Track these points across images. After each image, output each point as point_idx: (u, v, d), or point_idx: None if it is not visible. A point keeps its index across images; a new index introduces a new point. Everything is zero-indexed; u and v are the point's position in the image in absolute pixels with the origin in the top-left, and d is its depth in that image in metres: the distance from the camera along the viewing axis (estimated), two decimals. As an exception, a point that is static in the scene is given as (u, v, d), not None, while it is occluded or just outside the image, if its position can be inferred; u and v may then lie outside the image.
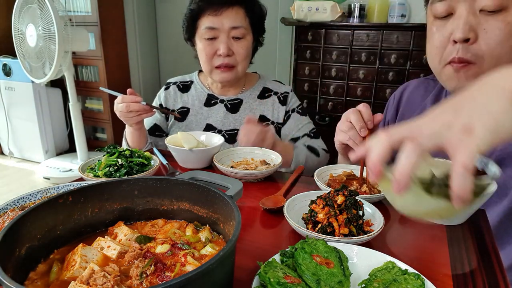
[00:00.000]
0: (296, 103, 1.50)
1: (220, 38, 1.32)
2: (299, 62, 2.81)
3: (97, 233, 0.65)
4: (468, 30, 0.85)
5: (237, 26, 1.32)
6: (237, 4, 1.32)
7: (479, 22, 0.85)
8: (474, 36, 0.86)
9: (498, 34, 0.84)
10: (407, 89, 1.23)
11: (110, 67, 3.56)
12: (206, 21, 1.32)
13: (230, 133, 1.44)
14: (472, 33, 0.86)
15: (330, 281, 0.57)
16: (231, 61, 1.35)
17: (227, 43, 1.32)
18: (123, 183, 0.67)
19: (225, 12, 1.30)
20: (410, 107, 1.18)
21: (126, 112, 1.19)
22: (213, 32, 1.32)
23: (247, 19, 1.35)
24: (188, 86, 1.51)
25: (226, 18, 1.30)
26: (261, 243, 0.74)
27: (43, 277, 0.54)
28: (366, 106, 0.98)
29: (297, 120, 1.47)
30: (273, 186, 1.02)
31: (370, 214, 0.78)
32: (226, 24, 1.31)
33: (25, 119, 3.56)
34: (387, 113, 1.27)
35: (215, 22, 1.31)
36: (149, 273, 0.52)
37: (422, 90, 1.18)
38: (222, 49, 1.31)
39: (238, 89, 1.49)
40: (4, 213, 0.73)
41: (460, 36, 0.86)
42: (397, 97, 1.24)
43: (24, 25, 2.82)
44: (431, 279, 0.60)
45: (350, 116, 0.96)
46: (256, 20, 1.38)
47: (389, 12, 2.65)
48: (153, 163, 1.02)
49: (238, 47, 1.34)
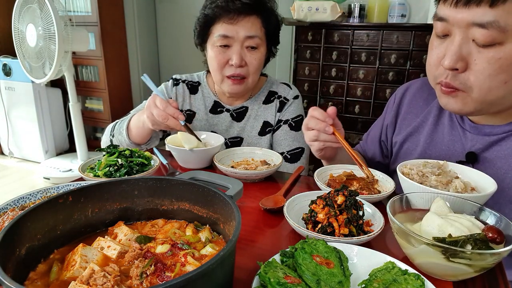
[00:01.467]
0: (293, 113, 1.41)
1: (233, 47, 1.26)
2: (299, 62, 2.80)
3: (97, 233, 0.65)
4: (456, 60, 0.82)
5: (252, 35, 1.25)
6: (254, 14, 1.25)
7: (470, 52, 0.81)
8: (464, 66, 0.82)
9: (487, 68, 0.80)
10: (409, 90, 1.19)
11: (110, 67, 3.56)
12: (221, 29, 1.25)
13: (233, 141, 1.42)
14: (462, 63, 0.82)
15: (330, 281, 0.57)
16: (243, 72, 1.28)
17: (241, 53, 1.26)
18: (123, 183, 0.66)
19: (241, 21, 1.24)
20: (412, 110, 1.15)
21: (160, 121, 1.12)
22: (227, 40, 1.25)
23: (263, 29, 1.29)
24: (196, 88, 1.46)
25: (241, 27, 1.24)
26: (261, 243, 0.74)
27: (43, 277, 0.54)
28: (315, 108, 1.01)
29: (285, 133, 1.39)
30: (273, 186, 1.02)
31: (370, 214, 0.78)
32: (241, 33, 1.24)
33: (25, 119, 3.56)
34: (386, 115, 1.23)
35: (229, 30, 1.24)
36: (149, 273, 0.52)
37: (425, 93, 1.13)
38: (235, 59, 1.25)
39: (245, 97, 1.44)
40: (4, 213, 0.73)
41: (447, 64, 0.83)
42: (398, 98, 1.20)
43: (24, 25, 2.82)
44: (431, 279, 0.60)
45: (309, 123, 1.01)
46: (272, 30, 1.32)
47: (389, 12, 2.65)
48: (153, 163, 1.02)
49: (251, 58, 1.28)
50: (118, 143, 1.31)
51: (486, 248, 0.58)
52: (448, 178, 0.84)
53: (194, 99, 1.45)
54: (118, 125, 1.34)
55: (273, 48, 1.41)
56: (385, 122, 1.23)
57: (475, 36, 0.79)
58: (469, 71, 0.83)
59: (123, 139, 1.29)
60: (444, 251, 0.57)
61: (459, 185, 0.80)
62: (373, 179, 0.97)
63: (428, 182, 0.83)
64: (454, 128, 1.03)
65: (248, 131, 1.42)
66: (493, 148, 0.94)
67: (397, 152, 1.16)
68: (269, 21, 1.30)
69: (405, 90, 1.20)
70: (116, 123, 1.36)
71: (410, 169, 0.89)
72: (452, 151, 1.01)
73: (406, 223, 0.70)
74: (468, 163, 0.95)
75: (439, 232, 0.63)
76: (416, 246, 0.61)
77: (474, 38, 0.80)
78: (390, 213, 0.66)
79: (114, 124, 1.37)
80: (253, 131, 1.42)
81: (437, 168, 0.88)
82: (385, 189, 0.94)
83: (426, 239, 0.58)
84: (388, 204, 0.68)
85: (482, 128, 0.96)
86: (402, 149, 1.14)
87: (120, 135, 1.30)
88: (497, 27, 0.76)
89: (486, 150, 0.95)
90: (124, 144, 1.29)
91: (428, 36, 2.43)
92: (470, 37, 0.80)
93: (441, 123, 1.06)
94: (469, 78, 0.83)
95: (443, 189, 0.80)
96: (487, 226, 0.63)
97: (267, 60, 1.42)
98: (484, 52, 0.79)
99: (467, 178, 0.86)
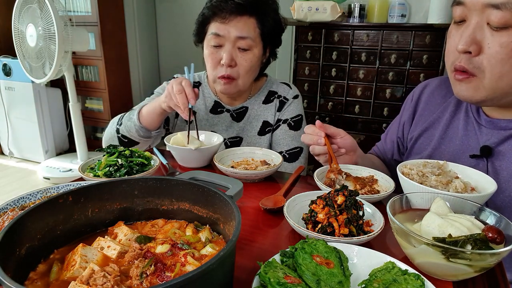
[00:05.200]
0: (292, 113, 1.41)
1: (225, 46, 1.26)
2: (299, 62, 2.80)
3: (97, 233, 0.65)
4: (470, 43, 0.84)
5: (244, 36, 1.24)
6: (246, 14, 1.25)
7: (484, 36, 0.83)
8: (477, 49, 0.84)
9: (499, 52, 0.82)
10: (427, 89, 1.19)
11: (110, 67, 3.56)
12: (214, 27, 1.26)
13: (232, 141, 1.42)
14: (475, 46, 0.84)
15: (330, 281, 0.57)
16: (233, 73, 1.28)
17: (231, 53, 1.26)
18: (123, 183, 0.66)
19: (233, 21, 1.24)
20: (429, 107, 1.15)
21: (175, 92, 1.15)
22: (219, 39, 1.26)
23: (258, 30, 1.28)
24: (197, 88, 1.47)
25: (233, 26, 1.24)
26: (261, 243, 0.74)
27: (43, 277, 0.54)
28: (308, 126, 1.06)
29: (284, 133, 1.40)
30: (273, 186, 1.02)
31: (370, 214, 0.78)
32: (233, 33, 1.24)
33: (25, 119, 3.56)
34: (404, 112, 1.23)
35: (221, 29, 1.24)
36: (149, 273, 0.52)
37: (444, 90, 1.13)
38: (224, 58, 1.25)
39: (245, 97, 1.44)
40: (4, 213, 0.73)
41: (460, 47, 0.85)
42: (416, 96, 1.20)
43: (24, 25, 2.82)
44: (431, 279, 0.60)
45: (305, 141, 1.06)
46: (268, 32, 1.31)
47: (389, 12, 2.65)
48: (153, 163, 1.02)
49: (242, 59, 1.27)
50: (125, 130, 1.29)
51: (486, 248, 0.58)
52: (448, 178, 0.84)
53: None
54: (128, 114, 1.33)
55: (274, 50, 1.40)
56: (402, 120, 1.23)
57: (490, 18, 0.81)
58: (482, 54, 0.84)
59: (132, 124, 1.27)
60: (444, 251, 0.57)
61: (459, 185, 0.80)
62: (339, 169, 0.98)
63: (428, 182, 0.83)
64: (470, 123, 1.03)
65: (247, 131, 1.42)
66: (508, 141, 0.94)
67: (412, 147, 1.16)
68: (264, 22, 1.29)
69: (423, 88, 1.20)
70: (124, 114, 1.36)
71: (410, 169, 0.89)
72: (466, 146, 1.01)
73: (406, 223, 0.70)
74: (482, 157, 0.96)
75: (439, 232, 0.63)
76: (416, 246, 0.61)
77: (488, 20, 0.82)
78: (390, 213, 0.66)
79: (122, 114, 1.36)
80: (252, 131, 1.42)
81: (437, 168, 0.88)
82: (385, 189, 0.94)
83: (426, 239, 0.58)
84: (388, 204, 0.68)
85: (498, 123, 0.96)
86: (416, 144, 1.15)
87: (129, 121, 1.29)
88: (511, 9, 0.78)
89: (501, 144, 0.95)
90: (132, 129, 1.27)
91: (428, 36, 2.43)
92: (485, 20, 0.82)
93: (456, 118, 1.07)
94: (482, 62, 0.84)
95: (443, 189, 0.80)
96: (487, 226, 0.63)
97: (268, 61, 1.42)
98: (497, 35, 0.81)
99: (467, 178, 0.86)
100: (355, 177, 0.98)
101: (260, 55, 1.33)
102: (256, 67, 1.34)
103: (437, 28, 2.38)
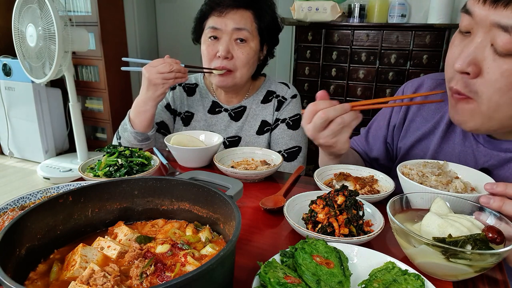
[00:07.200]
0: (291, 112, 1.42)
1: (222, 39, 1.28)
2: (299, 62, 2.81)
3: (97, 233, 0.65)
4: (468, 64, 0.75)
5: (241, 27, 1.27)
6: (242, 7, 1.28)
7: (486, 58, 0.74)
8: (476, 71, 0.75)
9: (499, 80, 0.73)
10: (420, 90, 1.08)
11: (110, 67, 3.56)
12: (211, 22, 1.30)
13: (231, 140, 1.43)
14: (474, 68, 0.75)
15: (330, 281, 0.57)
16: (229, 65, 1.29)
17: (228, 44, 1.28)
18: (123, 183, 0.66)
19: (230, 13, 1.27)
20: (423, 113, 1.06)
21: (167, 72, 1.17)
22: (216, 32, 1.28)
23: (254, 24, 1.30)
24: (193, 90, 1.48)
25: (230, 19, 1.27)
26: (261, 243, 0.74)
27: (43, 277, 0.54)
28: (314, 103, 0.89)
29: (282, 132, 1.40)
30: (273, 186, 1.02)
31: (370, 214, 0.78)
32: (230, 25, 1.27)
33: (25, 119, 3.56)
34: (393, 114, 1.13)
35: (218, 23, 1.28)
36: (149, 273, 0.52)
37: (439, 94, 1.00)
38: (221, 50, 1.27)
39: (243, 96, 1.44)
40: (4, 213, 0.73)
41: (458, 66, 0.76)
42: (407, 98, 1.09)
43: (24, 25, 2.83)
44: (431, 279, 0.60)
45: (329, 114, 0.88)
46: (265, 28, 1.33)
47: (389, 12, 2.65)
48: (153, 163, 1.02)
49: (239, 52, 1.29)
50: (125, 142, 1.30)
51: (486, 248, 0.58)
52: (448, 178, 0.84)
53: (192, 100, 1.47)
54: (120, 127, 1.35)
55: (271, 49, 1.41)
56: (391, 122, 1.14)
57: (495, 40, 0.72)
58: (481, 78, 0.76)
59: (128, 133, 1.28)
60: (444, 251, 0.57)
61: (459, 185, 0.80)
62: None
63: (428, 182, 0.83)
64: (467, 139, 0.96)
65: (246, 130, 1.43)
66: (508, 165, 0.88)
67: (403, 158, 1.08)
68: (261, 17, 1.31)
69: (416, 88, 1.09)
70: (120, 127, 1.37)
71: (410, 169, 0.89)
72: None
73: (406, 223, 0.70)
74: None
75: (439, 232, 0.63)
76: (416, 246, 0.61)
77: (494, 42, 0.72)
78: (390, 213, 0.66)
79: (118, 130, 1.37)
80: (251, 130, 1.42)
81: (437, 168, 0.88)
82: (385, 189, 0.94)
83: (426, 239, 0.58)
84: (388, 204, 0.68)
85: (499, 144, 0.89)
86: (409, 156, 1.07)
87: (125, 132, 1.30)
88: None
89: (501, 167, 0.89)
90: (131, 138, 1.28)
91: (428, 36, 2.43)
92: (489, 40, 0.73)
93: (453, 131, 0.99)
94: (479, 86, 0.76)
95: (443, 189, 0.80)
96: (487, 226, 0.63)
97: (265, 60, 1.43)
98: (499, 61, 0.72)
99: (467, 178, 0.86)
100: (355, 177, 0.98)
101: (257, 50, 1.34)
102: (254, 62, 1.35)
103: (437, 28, 2.38)
